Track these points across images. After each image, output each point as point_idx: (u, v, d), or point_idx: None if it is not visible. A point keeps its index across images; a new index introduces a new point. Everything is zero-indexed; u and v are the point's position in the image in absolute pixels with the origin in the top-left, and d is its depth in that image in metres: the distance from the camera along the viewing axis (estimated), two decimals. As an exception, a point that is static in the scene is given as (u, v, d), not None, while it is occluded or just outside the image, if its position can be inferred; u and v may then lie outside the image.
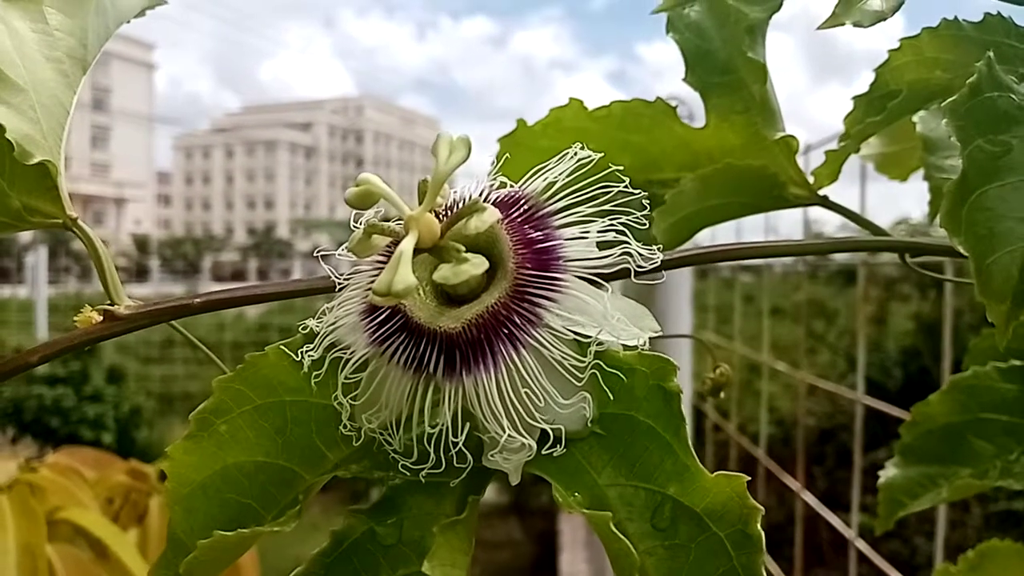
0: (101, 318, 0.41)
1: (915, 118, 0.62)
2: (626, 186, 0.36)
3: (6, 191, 0.44)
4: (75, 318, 0.43)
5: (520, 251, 0.35)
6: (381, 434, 0.37)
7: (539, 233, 0.36)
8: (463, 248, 0.34)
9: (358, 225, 0.40)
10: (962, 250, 0.43)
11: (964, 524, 3.29)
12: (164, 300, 0.42)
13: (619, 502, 0.35)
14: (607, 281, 0.35)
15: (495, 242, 0.36)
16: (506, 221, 0.36)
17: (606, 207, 0.36)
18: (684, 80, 0.58)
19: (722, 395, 0.59)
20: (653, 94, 0.61)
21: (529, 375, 0.34)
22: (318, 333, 0.38)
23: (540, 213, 0.37)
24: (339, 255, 0.40)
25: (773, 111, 0.55)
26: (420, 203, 0.35)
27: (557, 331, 0.34)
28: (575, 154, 0.38)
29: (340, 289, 0.39)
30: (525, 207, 0.37)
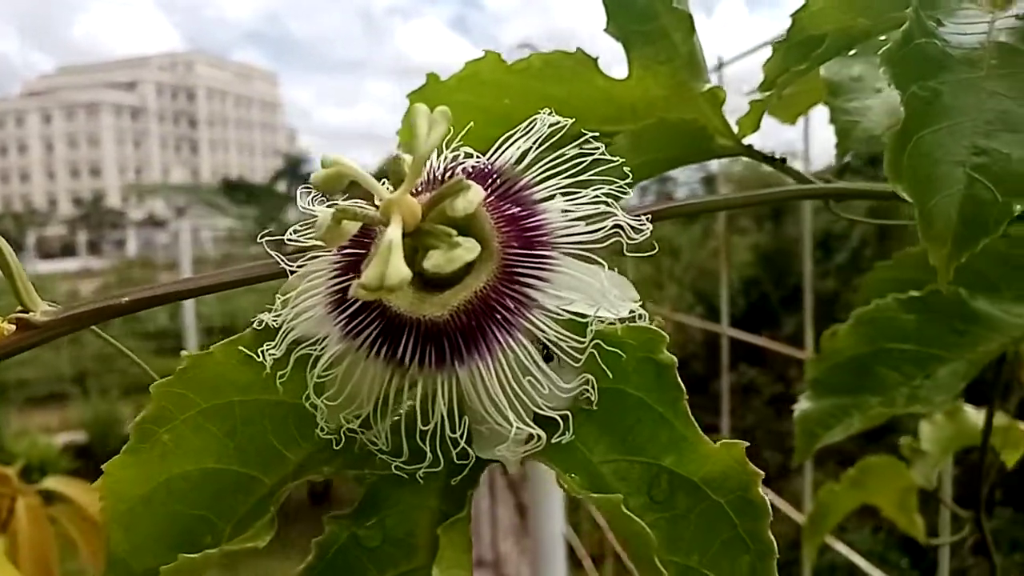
0: (14, 327, 0.35)
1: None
2: (602, 153, 0.34)
3: None
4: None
5: (503, 229, 0.33)
6: (362, 433, 0.34)
7: (520, 209, 0.34)
8: (454, 232, 0.31)
9: (304, 206, 0.37)
10: (905, 196, 0.43)
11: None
12: (85, 302, 0.37)
13: (614, 478, 0.34)
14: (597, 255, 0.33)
15: (473, 221, 0.33)
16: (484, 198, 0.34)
17: (585, 177, 0.34)
18: (605, 30, 0.57)
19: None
20: (496, 41, 0.58)
21: (528, 361, 0.32)
22: (277, 328, 0.35)
23: (517, 187, 0.34)
24: (287, 240, 0.36)
25: (699, 63, 0.54)
26: (392, 182, 0.32)
27: (552, 312, 0.32)
28: (544, 121, 0.36)
29: (297, 277, 0.36)
30: (500, 182, 0.35)
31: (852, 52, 0.61)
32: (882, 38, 0.56)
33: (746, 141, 0.60)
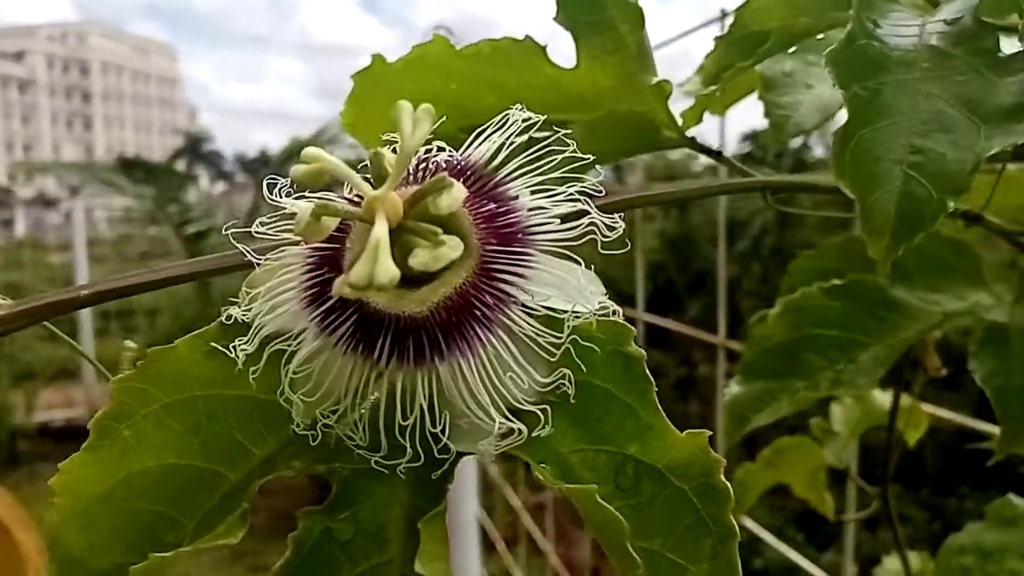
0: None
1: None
2: (574, 150, 0.35)
3: None
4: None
5: (481, 226, 0.33)
6: (337, 428, 0.34)
7: (496, 206, 0.34)
8: (439, 230, 0.31)
9: (272, 197, 0.36)
10: (848, 192, 0.45)
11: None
12: (42, 296, 0.35)
13: (582, 467, 0.35)
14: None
15: (452, 218, 0.33)
16: None
17: (559, 174, 0.35)
18: (555, 19, 0.57)
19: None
20: (407, 22, 0.58)
21: (507, 356, 0.33)
22: (245, 323, 0.34)
23: (492, 183, 0.35)
24: (255, 232, 0.36)
25: (647, 55, 0.56)
26: (372, 176, 0.32)
27: (530, 308, 0.33)
28: (518, 117, 0.36)
29: (266, 271, 0.35)
30: (474, 178, 0.35)
31: (792, 49, 0.63)
32: (819, 37, 0.58)
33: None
